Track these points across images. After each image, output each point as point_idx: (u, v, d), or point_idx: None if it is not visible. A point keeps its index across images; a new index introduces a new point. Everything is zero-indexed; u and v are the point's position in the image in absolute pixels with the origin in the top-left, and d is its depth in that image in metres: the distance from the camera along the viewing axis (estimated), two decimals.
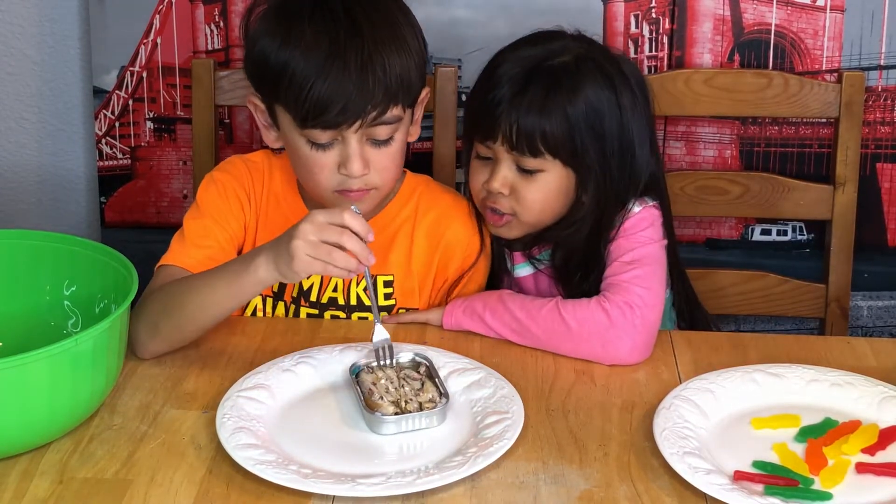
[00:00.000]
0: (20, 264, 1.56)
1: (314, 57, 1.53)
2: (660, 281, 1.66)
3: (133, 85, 2.23)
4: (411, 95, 1.61)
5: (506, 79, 1.66)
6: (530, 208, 1.69)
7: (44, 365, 1.30)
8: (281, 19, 1.57)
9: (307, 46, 1.53)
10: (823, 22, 2.13)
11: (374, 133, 1.58)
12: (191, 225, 1.66)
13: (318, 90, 1.52)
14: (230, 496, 1.30)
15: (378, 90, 1.54)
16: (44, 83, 2.27)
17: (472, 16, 2.14)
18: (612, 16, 2.15)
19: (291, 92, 1.54)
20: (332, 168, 1.59)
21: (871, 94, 2.14)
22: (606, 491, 1.32)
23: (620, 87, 1.68)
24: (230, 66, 2.18)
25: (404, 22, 1.60)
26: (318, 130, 1.56)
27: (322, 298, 1.70)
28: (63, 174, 2.33)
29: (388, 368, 1.49)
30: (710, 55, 2.15)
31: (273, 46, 1.56)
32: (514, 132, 1.64)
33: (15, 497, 1.29)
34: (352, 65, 1.52)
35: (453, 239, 1.71)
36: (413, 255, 1.70)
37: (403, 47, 1.57)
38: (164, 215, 2.29)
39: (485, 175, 1.70)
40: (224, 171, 1.72)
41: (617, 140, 1.68)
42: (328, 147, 1.58)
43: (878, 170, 2.19)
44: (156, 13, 2.19)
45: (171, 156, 2.27)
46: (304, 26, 1.55)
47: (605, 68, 1.69)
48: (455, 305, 1.66)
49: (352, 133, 1.56)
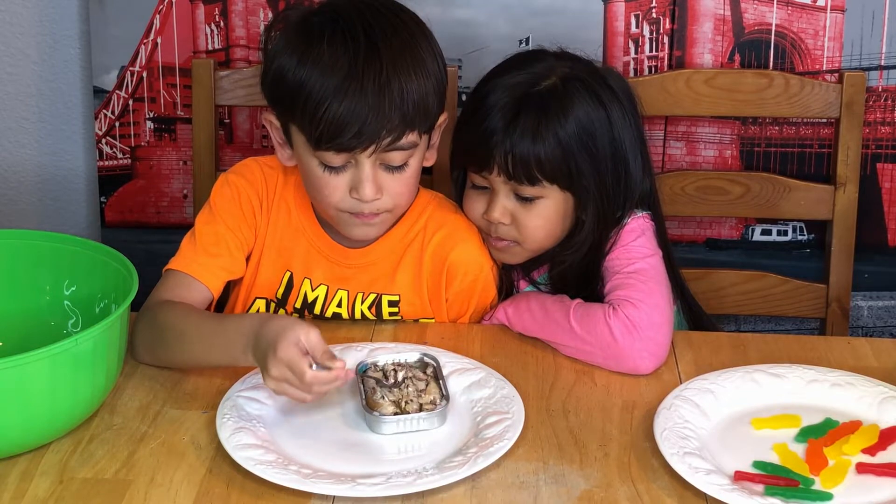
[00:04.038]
0: (20, 264, 1.56)
1: (331, 78, 1.50)
2: (660, 291, 1.65)
3: (133, 85, 2.23)
4: (428, 121, 1.58)
5: (496, 109, 1.65)
6: (533, 236, 1.68)
7: (44, 365, 1.29)
8: (300, 38, 1.55)
9: (324, 67, 1.51)
10: (824, 22, 2.13)
11: (388, 158, 1.55)
12: (203, 230, 1.66)
13: (333, 112, 1.50)
14: (230, 496, 1.30)
15: (394, 115, 1.51)
16: (44, 83, 2.27)
17: (472, 16, 2.14)
18: (612, 16, 2.15)
19: (306, 112, 1.52)
20: (343, 191, 1.57)
21: (872, 95, 2.14)
22: (606, 491, 1.32)
23: (609, 103, 1.67)
24: (230, 66, 2.18)
25: (425, 46, 1.57)
26: (331, 153, 1.54)
27: (326, 313, 1.70)
28: (63, 174, 2.33)
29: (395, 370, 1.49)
30: (711, 55, 2.15)
31: (290, 64, 1.54)
32: (510, 162, 1.63)
33: (15, 497, 1.29)
34: (369, 88, 1.50)
35: (456, 260, 1.68)
36: (422, 276, 1.69)
37: (422, 72, 1.54)
38: (164, 215, 2.29)
39: (482, 205, 1.69)
40: (240, 174, 1.70)
41: (610, 157, 1.67)
42: (341, 170, 1.56)
43: (878, 170, 2.19)
44: (156, 13, 2.19)
45: (171, 156, 2.27)
46: (322, 46, 1.52)
47: (591, 86, 1.67)
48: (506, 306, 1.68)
49: (365, 157, 1.54)
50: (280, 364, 1.36)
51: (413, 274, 1.68)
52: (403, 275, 1.68)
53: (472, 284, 1.69)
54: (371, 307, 1.68)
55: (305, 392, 1.37)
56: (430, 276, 1.69)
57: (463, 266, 1.69)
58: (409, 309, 1.69)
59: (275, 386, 1.38)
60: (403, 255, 1.68)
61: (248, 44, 2.20)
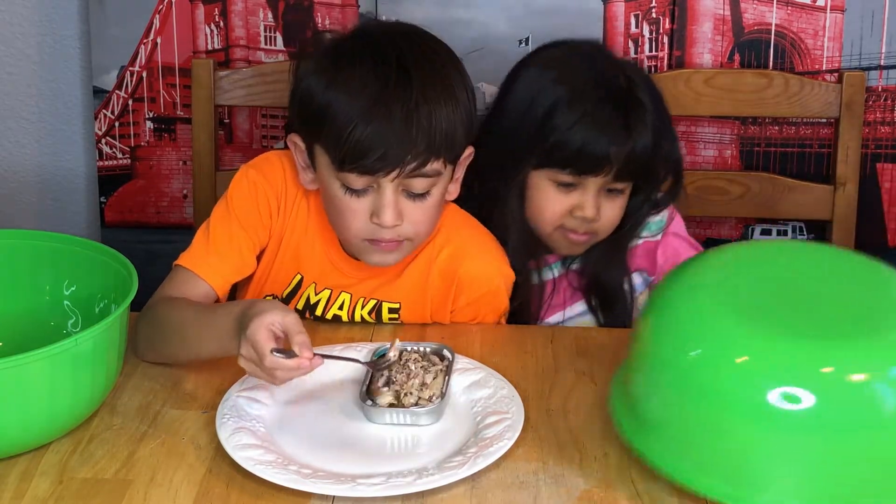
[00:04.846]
0: (20, 264, 1.56)
1: (359, 100, 1.50)
2: None
3: (133, 85, 2.23)
4: (454, 151, 1.57)
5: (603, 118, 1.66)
6: (610, 226, 1.73)
7: (44, 365, 1.29)
8: (331, 61, 1.55)
9: (354, 89, 1.51)
10: (823, 22, 2.13)
11: (410, 185, 1.55)
12: (217, 228, 1.65)
13: (358, 133, 1.49)
14: (230, 496, 1.30)
15: (421, 141, 1.51)
16: (44, 83, 2.27)
17: (472, 16, 2.14)
18: (612, 16, 2.15)
19: (332, 133, 1.52)
20: (364, 216, 1.56)
21: (872, 94, 2.14)
22: (606, 491, 1.32)
23: (657, 94, 1.72)
24: (230, 66, 2.18)
25: (456, 77, 1.57)
26: (354, 175, 1.53)
27: (327, 314, 1.69)
28: (63, 174, 2.33)
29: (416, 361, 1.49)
30: (711, 55, 2.15)
31: (320, 86, 1.54)
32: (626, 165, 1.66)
33: (15, 497, 1.29)
34: (397, 113, 1.50)
35: (465, 276, 1.67)
36: (427, 287, 1.68)
37: (452, 102, 1.54)
38: (164, 215, 2.30)
39: (567, 203, 1.70)
40: (260, 170, 1.69)
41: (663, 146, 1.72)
42: (363, 194, 1.55)
43: (878, 170, 2.19)
44: (156, 13, 2.19)
45: (171, 156, 2.27)
46: (353, 69, 1.52)
47: (643, 75, 1.73)
48: None
49: (388, 182, 1.53)
50: (247, 344, 1.38)
51: (417, 284, 1.68)
52: (406, 283, 1.68)
53: (480, 298, 1.69)
54: (371, 312, 1.68)
55: (270, 377, 1.38)
56: (437, 289, 1.68)
57: (473, 280, 1.68)
58: (410, 318, 1.69)
59: (244, 365, 1.40)
60: (409, 264, 1.68)
61: (247, 44, 2.20)
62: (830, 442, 1.21)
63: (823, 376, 1.21)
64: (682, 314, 1.31)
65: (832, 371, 1.21)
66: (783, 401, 1.20)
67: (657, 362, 1.31)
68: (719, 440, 1.25)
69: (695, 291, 1.32)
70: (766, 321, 1.25)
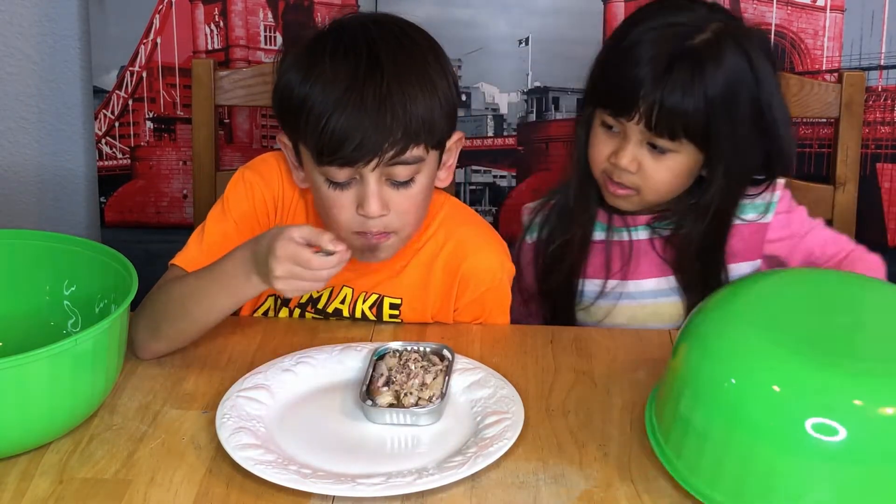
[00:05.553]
0: (20, 264, 1.56)
1: (332, 91, 1.51)
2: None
3: (133, 85, 2.23)
4: (435, 136, 1.57)
5: (647, 58, 1.63)
6: (656, 188, 1.69)
7: (44, 365, 1.29)
8: (307, 55, 1.56)
9: (327, 81, 1.52)
10: (823, 22, 2.13)
11: (393, 173, 1.54)
12: (212, 228, 1.65)
13: (333, 124, 1.50)
14: (230, 496, 1.30)
15: (396, 127, 1.51)
16: (44, 83, 2.28)
17: (472, 16, 2.15)
18: (612, 16, 2.15)
19: (309, 126, 1.52)
20: (350, 208, 1.56)
21: (872, 94, 2.14)
22: (606, 491, 1.32)
23: (759, 64, 1.67)
24: (230, 66, 2.18)
25: (433, 63, 1.57)
26: (335, 167, 1.53)
27: (329, 308, 1.70)
28: (63, 174, 2.33)
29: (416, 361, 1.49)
30: None
31: (296, 81, 1.55)
32: (655, 114, 1.63)
33: (15, 497, 1.29)
34: (369, 100, 1.50)
35: (468, 272, 1.67)
36: (430, 283, 1.69)
37: (428, 87, 1.54)
38: (164, 215, 2.30)
39: (610, 147, 1.69)
40: (257, 171, 1.69)
41: (751, 120, 1.68)
42: (346, 186, 1.55)
43: (878, 170, 2.19)
44: (156, 13, 2.19)
45: (171, 156, 2.27)
46: (326, 61, 1.53)
47: (743, 45, 1.67)
48: None
49: (369, 171, 1.53)
50: (283, 261, 1.42)
51: (419, 279, 1.68)
52: (409, 279, 1.68)
53: (484, 294, 1.69)
54: (372, 307, 1.68)
55: (317, 280, 1.43)
56: (440, 285, 1.68)
57: (476, 276, 1.68)
58: (411, 314, 1.69)
59: (284, 285, 1.44)
60: (411, 260, 1.68)
61: (247, 44, 2.21)
62: (861, 474, 1.21)
63: (855, 409, 1.21)
64: (721, 341, 1.31)
65: (862, 404, 1.21)
66: (816, 431, 1.20)
67: (694, 389, 1.31)
68: (752, 466, 1.24)
69: (732, 319, 1.32)
70: (802, 351, 1.25)
